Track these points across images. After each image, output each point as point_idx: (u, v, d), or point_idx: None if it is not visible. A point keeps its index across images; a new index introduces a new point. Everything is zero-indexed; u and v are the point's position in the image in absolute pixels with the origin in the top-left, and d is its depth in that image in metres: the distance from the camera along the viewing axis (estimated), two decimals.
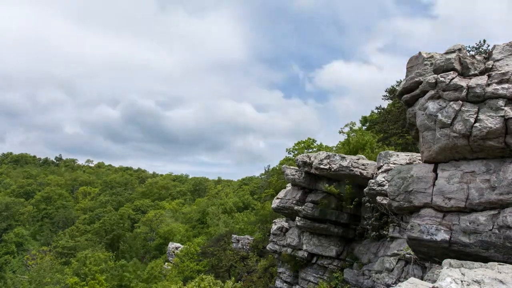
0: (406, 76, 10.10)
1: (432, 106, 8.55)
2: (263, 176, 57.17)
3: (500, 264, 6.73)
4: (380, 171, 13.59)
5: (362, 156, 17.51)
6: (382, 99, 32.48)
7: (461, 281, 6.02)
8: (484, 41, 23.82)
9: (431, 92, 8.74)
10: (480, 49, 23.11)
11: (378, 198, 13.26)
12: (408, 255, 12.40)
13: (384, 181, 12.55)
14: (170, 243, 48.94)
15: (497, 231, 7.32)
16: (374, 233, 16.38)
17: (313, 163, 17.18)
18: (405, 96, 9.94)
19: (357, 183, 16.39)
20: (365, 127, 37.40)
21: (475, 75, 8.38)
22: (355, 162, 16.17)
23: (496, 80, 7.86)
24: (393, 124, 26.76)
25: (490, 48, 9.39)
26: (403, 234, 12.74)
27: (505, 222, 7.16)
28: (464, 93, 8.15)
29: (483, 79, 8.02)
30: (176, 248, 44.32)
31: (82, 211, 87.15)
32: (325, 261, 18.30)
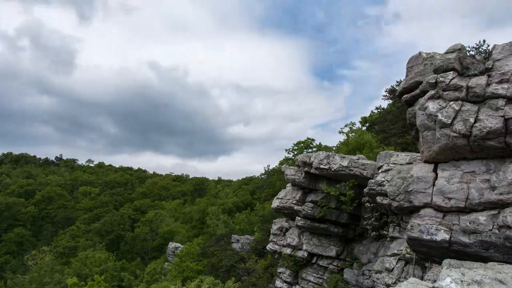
0: (406, 76, 10.10)
1: (432, 106, 8.56)
2: (263, 176, 57.22)
3: (500, 264, 6.73)
4: (380, 171, 13.56)
5: (362, 156, 17.49)
6: (382, 99, 32.58)
7: (461, 281, 6.01)
8: (484, 41, 23.76)
9: (431, 92, 8.75)
10: (480, 49, 23.05)
11: (378, 198, 13.24)
12: (408, 255, 12.40)
13: (384, 181, 12.53)
14: (170, 243, 48.92)
15: (497, 231, 7.32)
16: (374, 233, 16.38)
17: (313, 163, 17.18)
18: (405, 96, 9.94)
19: (357, 183, 16.39)
20: (365, 128, 37.41)
21: (475, 75, 8.38)
22: (355, 162, 16.16)
23: (496, 80, 7.86)
24: (393, 124, 26.73)
25: (490, 48, 9.38)
26: (403, 234, 12.73)
27: (505, 222, 7.16)
28: (464, 93, 8.16)
29: (483, 79, 8.02)
30: (176, 248, 44.30)
31: (82, 211, 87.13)
32: (325, 261, 18.30)
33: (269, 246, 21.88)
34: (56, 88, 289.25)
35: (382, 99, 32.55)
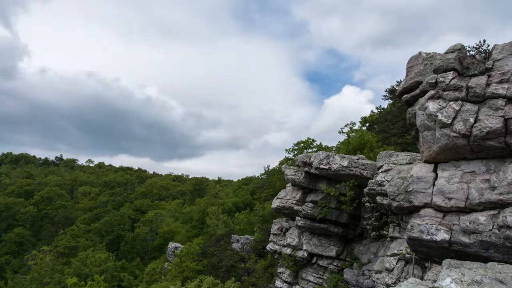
0: (406, 76, 10.10)
1: (432, 106, 8.56)
2: (263, 176, 57.22)
3: (500, 264, 6.74)
4: (380, 171, 13.57)
5: (362, 156, 17.48)
6: (382, 99, 32.62)
7: (461, 281, 6.02)
8: (484, 41, 23.74)
9: (431, 92, 8.75)
10: (480, 49, 23.04)
11: (378, 198, 13.24)
12: (408, 255, 12.40)
13: (384, 181, 12.53)
14: (170, 243, 48.86)
15: (497, 231, 7.32)
16: (374, 233, 16.38)
17: (313, 163, 17.18)
18: (405, 96, 9.95)
19: (357, 183, 16.39)
20: (365, 128, 37.41)
21: (475, 75, 8.38)
22: (355, 162, 16.16)
23: (496, 80, 7.86)
24: (393, 124, 26.75)
25: (490, 48, 9.38)
26: (403, 234, 12.73)
27: (505, 222, 7.16)
28: (464, 93, 8.16)
29: (483, 79, 8.02)
30: (176, 248, 44.25)
31: (82, 211, 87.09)
32: (325, 261, 18.30)
33: (269, 246, 21.88)
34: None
35: (382, 99, 32.63)
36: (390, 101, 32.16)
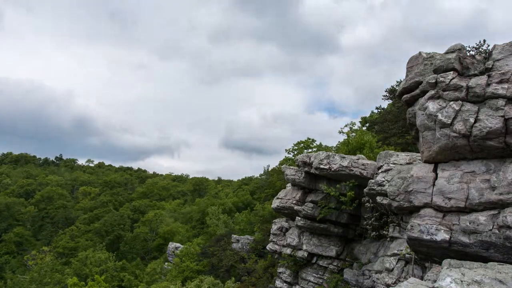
0: (406, 76, 10.10)
1: (432, 106, 8.56)
2: (263, 176, 57.28)
3: (500, 264, 6.74)
4: (380, 171, 13.57)
5: (362, 156, 17.49)
6: (382, 99, 32.60)
7: (461, 281, 6.02)
8: (484, 41, 23.79)
9: (431, 92, 8.75)
10: (480, 49, 23.07)
11: (378, 198, 13.24)
12: (408, 255, 12.40)
13: (384, 181, 12.53)
14: (170, 243, 48.89)
15: (497, 231, 7.32)
16: (374, 233, 16.39)
17: (313, 163, 17.19)
18: (405, 96, 9.95)
19: (357, 183, 16.39)
20: (365, 128, 37.41)
21: (475, 75, 8.38)
22: (355, 162, 16.16)
23: (496, 80, 7.86)
24: (393, 124, 26.78)
25: (490, 48, 9.38)
26: (403, 234, 12.73)
27: (505, 222, 7.16)
28: (464, 93, 8.16)
29: (483, 79, 8.02)
30: (176, 248, 44.27)
31: (82, 211, 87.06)
32: (325, 261, 18.30)
33: (269, 246, 21.89)
34: None
35: (382, 99, 32.61)
36: (390, 101, 32.17)
